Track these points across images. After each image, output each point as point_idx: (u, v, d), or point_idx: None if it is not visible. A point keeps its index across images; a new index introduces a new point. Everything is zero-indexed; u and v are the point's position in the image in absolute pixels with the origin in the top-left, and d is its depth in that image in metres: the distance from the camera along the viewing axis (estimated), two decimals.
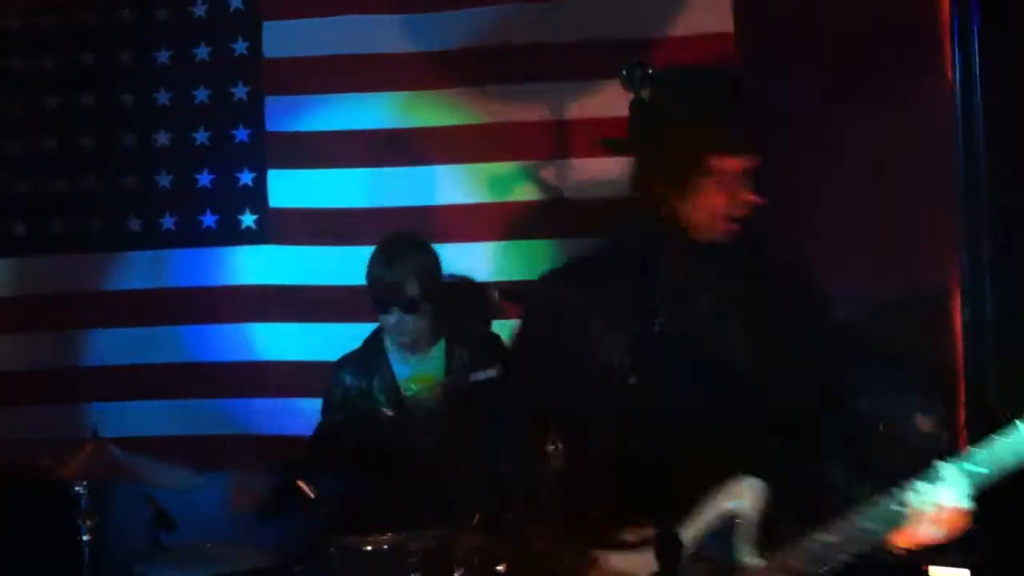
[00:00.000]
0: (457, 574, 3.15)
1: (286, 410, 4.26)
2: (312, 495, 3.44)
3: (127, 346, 4.36)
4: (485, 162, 4.24)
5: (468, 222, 4.24)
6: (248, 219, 4.36)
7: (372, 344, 3.96)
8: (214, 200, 4.38)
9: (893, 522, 2.18)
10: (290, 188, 4.36)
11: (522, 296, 4.00)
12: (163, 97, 4.40)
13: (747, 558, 2.30)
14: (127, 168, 4.41)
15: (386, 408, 3.85)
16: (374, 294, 3.76)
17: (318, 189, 4.34)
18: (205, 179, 4.39)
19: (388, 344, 3.92)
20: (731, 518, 2.31)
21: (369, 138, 4.32)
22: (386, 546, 3.28)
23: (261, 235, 4.36)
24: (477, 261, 4.22)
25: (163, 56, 4.40)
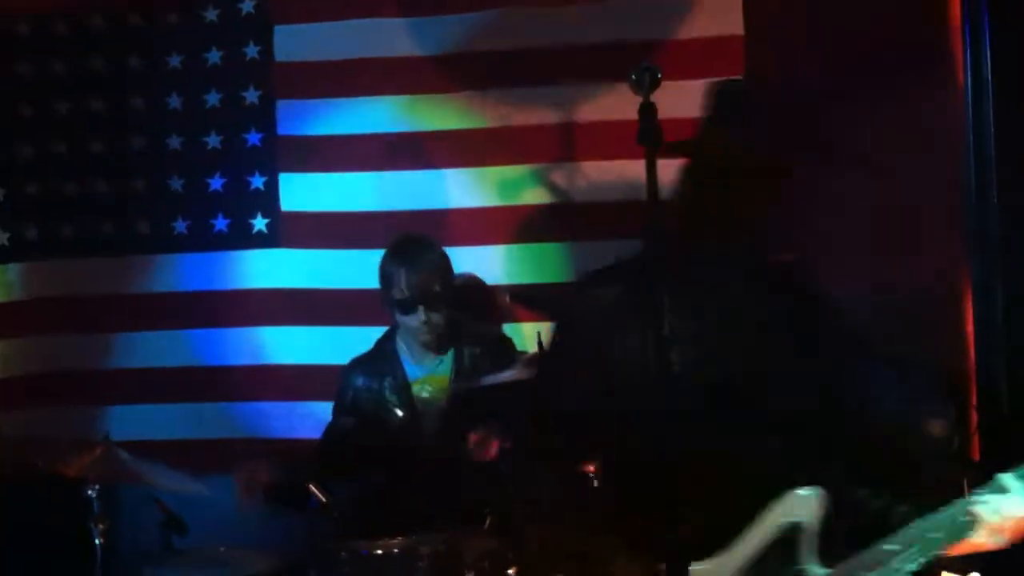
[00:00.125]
0: None
1: (297, 413, 4.27)
2: (324, 498, 3.44)
3: (138, 349, 4.37)
4: (494, 165, 4.24)
5: (478, 225, 4.24)
6: (259, 223, 4.37)
7: (383, 346, 3.97)
8: (226, 204, 4.39)
9: (958, 531, 2.21)
10: (301, 192, 4.36)
11: (532, 299, 4.01)
12: (175, 101, 4.41)
13: (812, 569, 2.30)
14: (138, 172, 4.41)
15: (397, 410, 3.85)
16: (397, 296, 3.76)
17: (329, 193, 4.34)
18: (217, 183, 4.40)
19: (400, 346, 3.93)
20: (792, 530, 2.31)
21: (379, 142, 4.32)
22: (396, 550, 3.29)
23: (272, 239, 4.36)
24: (487, 264, 4.22)
25: (174, 60, 4.41)
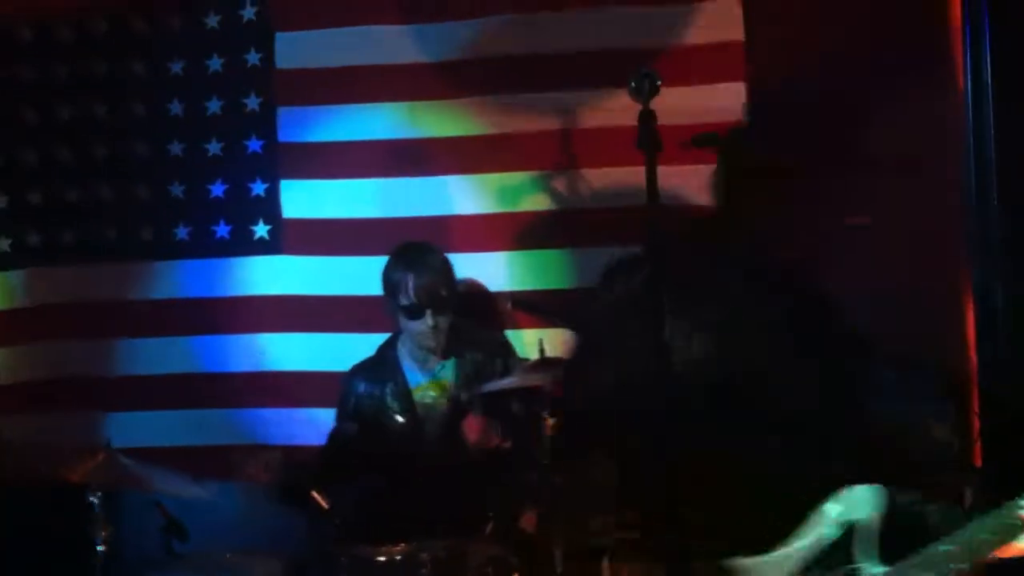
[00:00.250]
0: None
1: (299, 420, 4.27)
2: (326, 505, 3.44)
3: (140, 356, 4.37)
4: (495, 172, 4.25)
5: (479, 232, 4.24)
6: (261, 229, 4.38)
7: (385, 353, 3.97)
8: (227, 210, 4.39)
9: (1010, 533, 2.23)
10: (302, 198, 4.36)
11: (534, 306, 4.02)
12: (176, 108, 4.42)
13: (868, 567, 2.31)
14: (140, 178, 4.42)
15: (398, 416, 3.85)
16: (403, 302, 3.76)
17: (330, 199, 4.34)
18: (218, 189, 4.40)
19: (402, 353, 3.94)
20: (849, 528, 2.32)
21: (381, 148, 4.32)
22: (398, 556, 3.29)
23: (273, 245, 4.37)
24: (488, 271, 4.23)
25: (176, 67, 4.42)
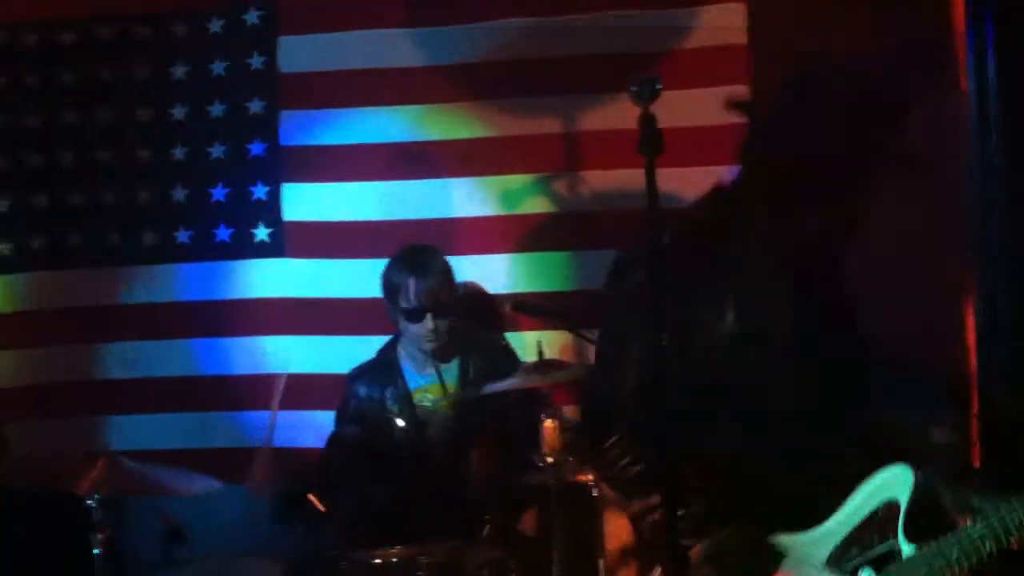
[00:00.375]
0: None
1: (300, 423, 4.26)
2: (322, 508, 3.44)
3: (142, 359, 4.37)
4: (497, 175, 4.25)
5: (481, 234, 4.24)
6: (262, 232, 4.38)
7: (386, 356, 3.97)
8: (229, 214, 4.39)
9: None
10: (304, 202, 4.37)
11: (535, 308, 4.01)
12: (179, 112, 4.42)
13: (902, 545, 2.33)
14: (143, 182, 4.42)
15: (399, 419, 3.85)
16: (405, 304, 3.76)
17: (332, 202, 4.35)
18: (220, 193, 4.40)
19: (402, 355, 3.93)
20: (891, 506, 2.33)
21: (382, 152, 4.32)
22: (396, 559, 3.29)
23: (275, 248, 4.37)
24: (490, 273, 4.23)
25: (179, 71, 4.42)
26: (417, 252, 3.87)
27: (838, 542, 2.34)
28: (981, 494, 2.39)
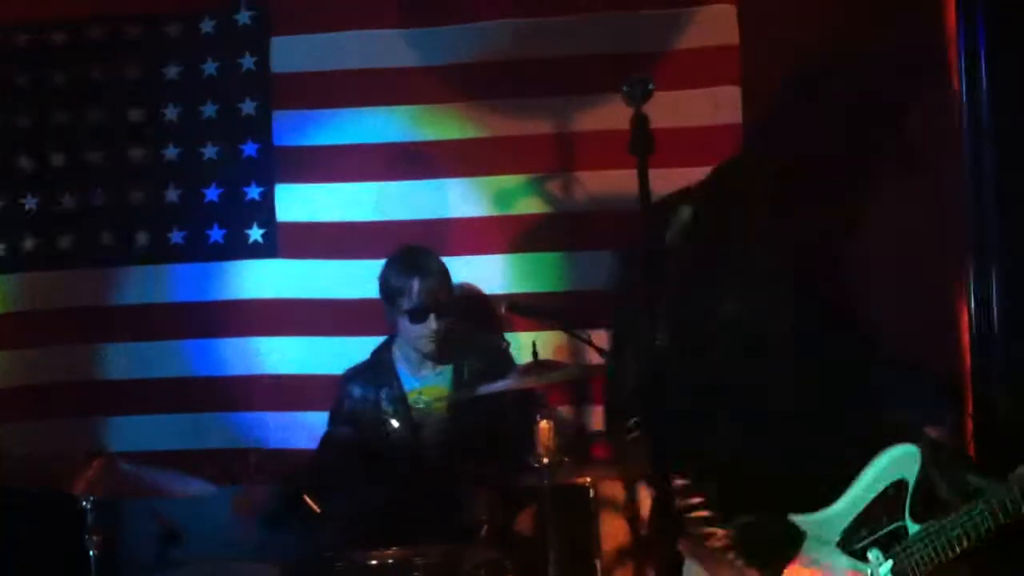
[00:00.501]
0: None
1: (294, 424, 4.26)
2: (317, 509, 3.44)
3: (135, 361, 4.35)
4: (491, 175, 4.25)
5: (475, 235, 4.24)
6: (256, 233, 4.37)
7: (380, 357, 3.97)
8: (222, 214, 4.38)
9: None
10: (298, 202, 4.36)
11: (529, 309, 4.01)
12: (171, 112, 4.41)
13: (909, 524, 2.41)
14: (135, 183, 4.41)
15: (393, 420, 3.85)
16: (407, 305, 3.76)
17: (325, 203, 4.34)
18: (213, 194, 4.40)
19: (397, 356, 3.93)
20: (899, 485, 2.40)
21: (376, 152, 4.32)
22: (391, 560, 3.29)
23: (269, 249, 4.36)
24: (484, 274, 4.23)
25: (172, 71, 4.41)
26: (417, 253, 3.87)
27: (849, 522, 2.38)
28: (978, 475, 2.43)
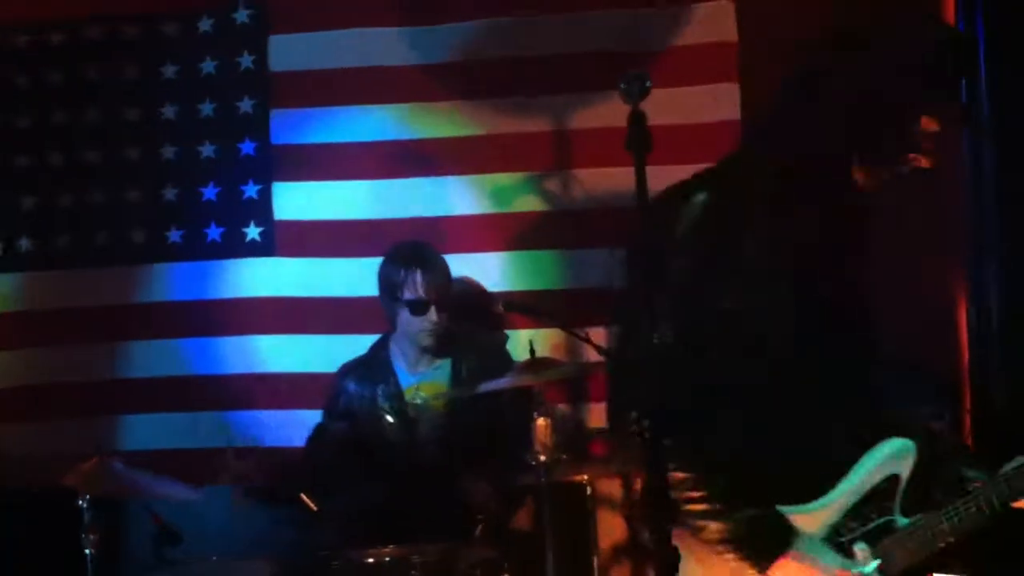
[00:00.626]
0: None
1: (292, 422, 4.25)
2: (314, 507, 3.43)
3: (133, 360, 4.35)
4: (489, 173, 4.25)
5: (472, 233, 4.24)
6: (253, 232, 4.37)
7: (377, 353, 3.96)
8: (220, 213, 4.38)
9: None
10: (295, 200, 4.36)
11: (525, 307, 4.01)
12: (169, 111, 4.41)
13: (899, 518, 2.38)
14: (133, 182, 4.41)
15: (389, 416, 3.84)
16: (408, 297, 3.75)
17: (323, 201, 4.34)
18: (211, 192, 4.39)
19: (394, 352, 3.93)
20: (891, 480, 2.38)
21: (373, 150, 4.32)
22: (388, 559, 3.28)
23: (266, 248, 4.35)
24: (481, 272, 4.23)
25: (169, 70, 4.41)
26: (417, 247, 3.87)
27: (838, 516, 2.37)
28: (972, 468, 2.42)
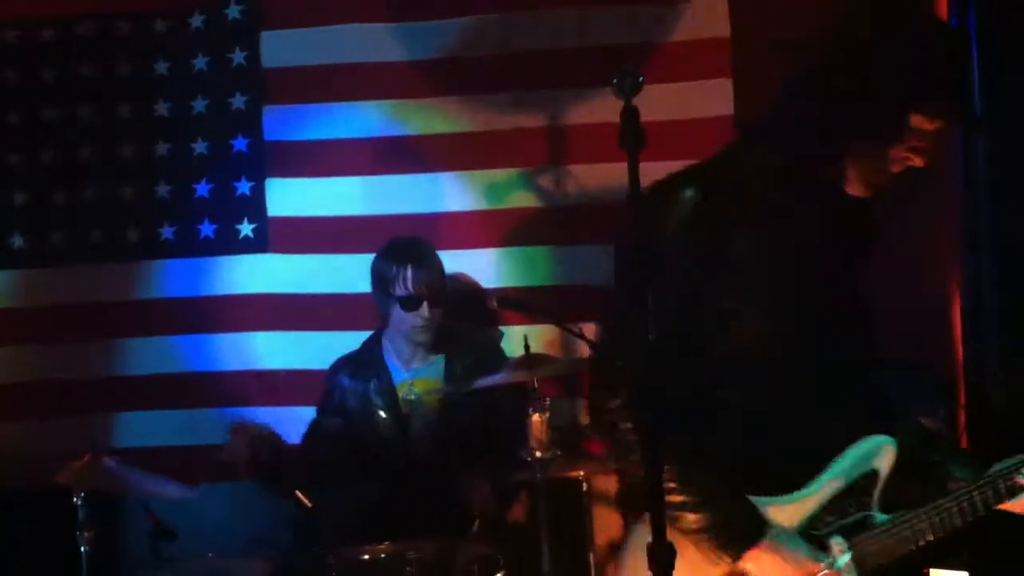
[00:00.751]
0: None
1: (286, 418, 4.24)
2: (309, 504, 3.43)
3: (126, 357, 4.34)
4: (482, 169, 4.25)
5: (466, 229, 4.24)
6: (246, 228, 4.36)
7: (370, 349, 3.96)
8: (213, 210, 4.37)
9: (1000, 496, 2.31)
10: (288, 197, 4.35)
11: (519, 304, 4.01)
12: (162, 108, 4.40)
13: (877, 514, 2.38)
14: (126, 179, 4.40)
15: (381, 412, 3.84)
16: (400, 292, 3.75)
17: (316, 198, 4.33)
18: (203, 189, 4.39)
19: (387, 348, 3.92)
20: (870, 476, 2.38)
21: (367, 146, 4.32)
22: (383, 555, 3.28)
23: (259, 244, 4.35)
24: (475, 268, 4.23)
25: (161, 67, 4.40)
26: (411, 242, 3.86)
27: (815, 509, 2.37)
28: (965, 468, 2.42)
